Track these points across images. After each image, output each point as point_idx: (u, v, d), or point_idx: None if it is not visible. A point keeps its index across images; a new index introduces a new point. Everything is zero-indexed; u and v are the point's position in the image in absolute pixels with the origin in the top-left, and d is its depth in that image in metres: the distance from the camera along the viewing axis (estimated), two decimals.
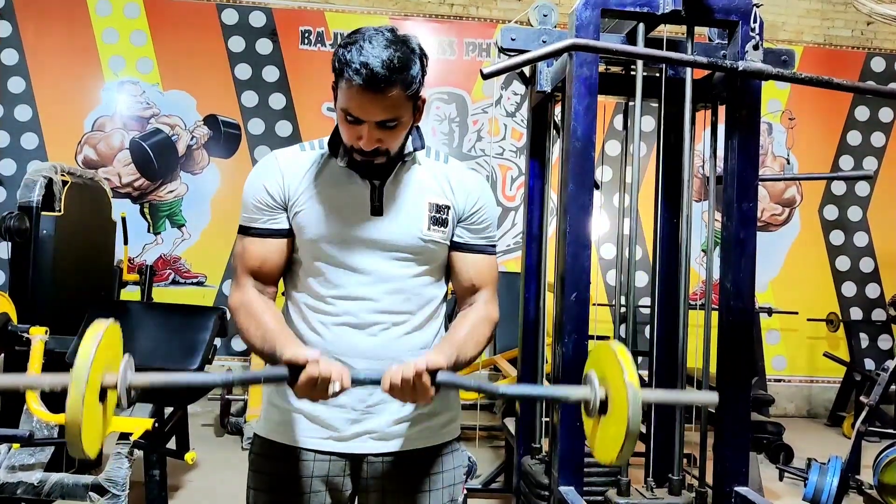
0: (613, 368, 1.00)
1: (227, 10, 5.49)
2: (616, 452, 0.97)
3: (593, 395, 1.03)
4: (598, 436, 1.04)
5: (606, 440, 1.01)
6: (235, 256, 1.31)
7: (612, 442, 0.99)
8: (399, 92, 1.15)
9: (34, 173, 3.10)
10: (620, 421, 0.96)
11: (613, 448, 0.98)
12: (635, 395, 0.95)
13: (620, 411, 0.96)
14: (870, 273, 5.87)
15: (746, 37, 1.94)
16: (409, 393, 1.08)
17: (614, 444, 0.98)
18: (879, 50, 5.91)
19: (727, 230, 2.02)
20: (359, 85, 1.12)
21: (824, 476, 2.92)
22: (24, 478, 2.35)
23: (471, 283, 1.32)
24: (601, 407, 1.02)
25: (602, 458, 1.03)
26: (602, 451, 1.03)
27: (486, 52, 5.63)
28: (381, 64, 1.11)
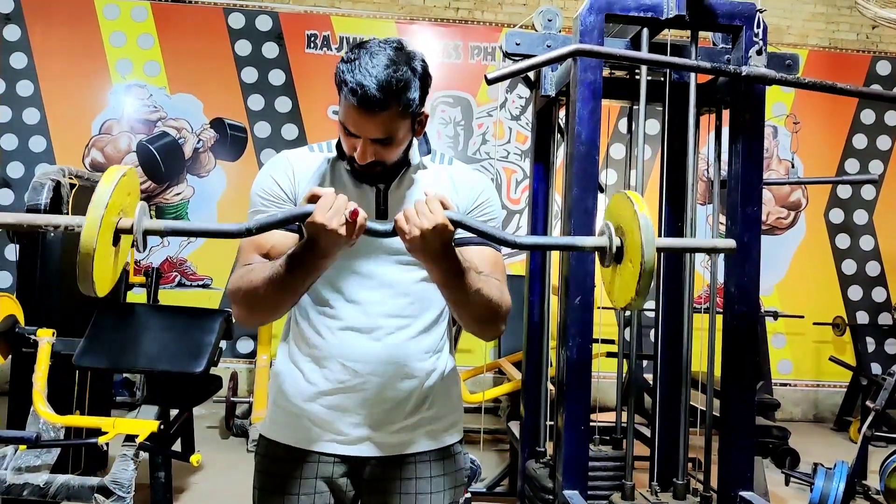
0: (630, 218, 1.03)
1: (234, 14, 5.52)
2: (632, 294, 1.02)
3: (609, 243, 1.07)
4: (615, 283, 1.09)
5: (624, 286, 1.05)
6: (240, 247, 1.27)
7: (628, 285, 1.03)
8: (393, 112, 1.14)
9: (42, 176, 3.12)
10: (635, 262, 1.00)
11: (629, 291, 1.03)
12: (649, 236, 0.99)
13: (635, 253, 1.01)
14: (876, 277, 5.85)
15: (750, 41, 1.94)
16: (424, 216, 1.06)
17: (630, 286, 1.02)
18: (885, 53, 5.90)
19: (731, 234, 2.02)
20: (353, 104, 1.13)
21: (830, 481, 2.91)
22: (30, 479, 2.36)
23: (479, 271, 1.25)
24: (616, 254, 1.06)
25: (619, 302, 1.08)
26: (619, 295, 1.07)
27: (491, 55, 5.64)
28: (376, 86, 1.11)
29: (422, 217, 1.07)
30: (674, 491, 2.03)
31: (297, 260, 1.13)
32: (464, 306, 1.21)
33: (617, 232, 1.07)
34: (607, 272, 1.11)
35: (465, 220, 1.11)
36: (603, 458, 2.32)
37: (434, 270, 1.16)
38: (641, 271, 0.99)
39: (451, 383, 1.38)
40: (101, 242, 0.91)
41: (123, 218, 0.97)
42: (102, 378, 3.38)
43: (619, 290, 1.07)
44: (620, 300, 1.07)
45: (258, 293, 1.18)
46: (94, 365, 2.78)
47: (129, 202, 0.99)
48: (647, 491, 2.05)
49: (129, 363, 2.87)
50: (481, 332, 1.28)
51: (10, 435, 2.51)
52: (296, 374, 1.31)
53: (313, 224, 1.06)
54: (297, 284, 1.17)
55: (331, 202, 1.06)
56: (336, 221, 1.05)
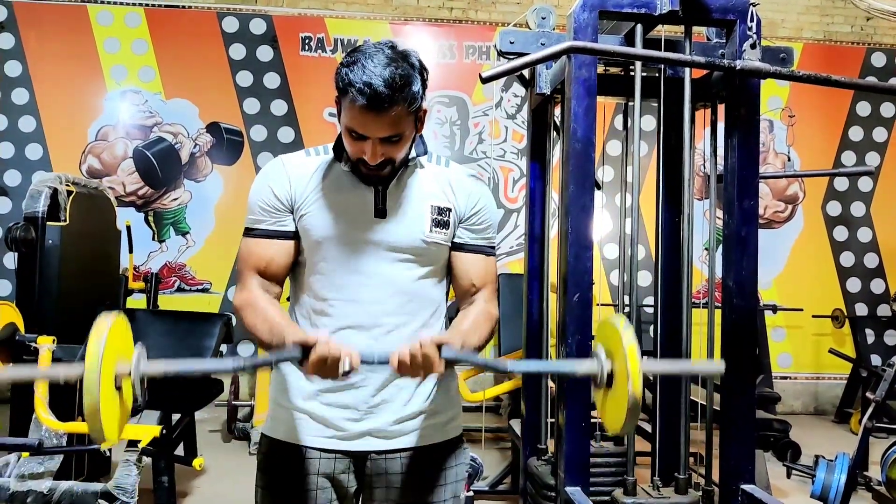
0: (617, 343, 1.03)
1: (228, 18, 5.52)
2: (621, 422, 1.02)
3: (600, 369, 1.06)
4: (606, 407, 1.08)
5: (614, 411, 1.05)
6: (240, 258, 1.33)
7: (618, 413, 1.03)
8: (401, 109, 1.17)
9: (39, 184, 3.12)
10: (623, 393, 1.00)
11: (620, 417, 1.02)
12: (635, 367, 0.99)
13: (622, 384, 1.00)
14: (874, 268, 5.86)
15: (744, 35, 1.94)
16: (419, 367, 1.10)
17: (621, 412, 1.02)
18: (880, 45, 5.91)
19: (729, 228, 2.02)
20: (362, 105, 1.15)
21: (832, 473, 2.92)
22: (33, 486, 2.37)
23: (470, 283, 1.34)
24: (608, 379, 1.05)
25: (610, 428, 1.07)
26: (610, 421, 1.07)
27: (485, 55, 5.65)
28: (383, 83, 1.14)
29: (417, 369, 1.11)
30: (675, 485, 2.04)
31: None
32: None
33: (607, 356, 1.06)
34: (599, 395, 1.11)
35: (459, 357, 1.13)
36: (604, 454, 2.32)
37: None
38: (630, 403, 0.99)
39: (450, 379, 1.40)
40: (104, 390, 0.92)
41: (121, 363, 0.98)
42: None
43: (610, 415, 1.07)
44: (612, 425, 1.06)
45: (257, 336, 1.26)
46: None
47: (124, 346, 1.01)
48: (649, 486, 2.05)
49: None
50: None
51: (12, 442, 2.51)
52: (296, 373, 1.33)
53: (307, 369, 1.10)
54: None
55: (324, 358, 1.08)
56: (330, 374, 1.09)
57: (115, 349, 0.97)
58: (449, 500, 1.36)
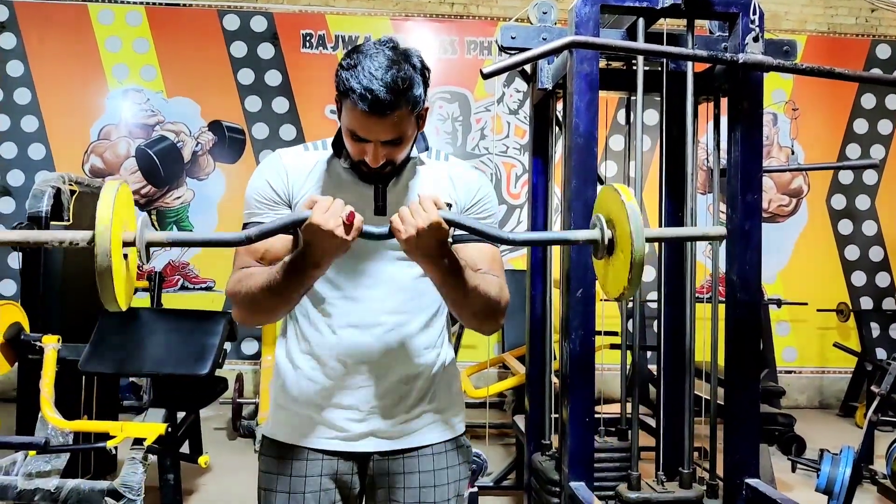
0: (618, 209, 1.05)
1: (229, 16, 5.52)
2: (623, 285, 1.04)
3: (601, 236, 1.08)
4: (608, 274, 1.10)
5: (616, 277, 1.07)
6: (237, 252, 1.29)
7: (619, 276, 1.05)
8: (403, 112, 1.15)
9: (42, 184, 3.12)
10: (626, 253, 1.02)
11: (621, 281, 1.04)
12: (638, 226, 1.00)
13: (625, 244, 1.02)
14: (879, 262, 5.84)
15: (747, 29, 1.93)
16: (420, 216, 1.07)
17: (622, 277, 1.04)
18: (884, 37, 5.87)
19: (732, 222, 2.02)
20: (364, 110, 1.12)
21: (837, 466, 2.91)
22: (41, 484, 2.38)
23: (477, 268, 1.27)
24: (609, 246, 1.07)
25: (612, 293, 1.09)
26: (612, 287, 1.09)
27: (487, 50, 5.63)
28: (384, 88, 1.11)
29: (416, 216, 1.08)
30: (680, 480, 2.04)
31: (293, 266, 1.14)
32: (462, 304, 1.22)
33: (608, 224, 1.08)
34: (600, 264, 1.12)
35: (459, 218, 1.12)
36: (608, 450, 2.32)
37: (431, 270, 1.17)
38: (632, 261, 1.00)
39: (452, 377, 1.39)
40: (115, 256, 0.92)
41: (126, 231, 0.98)
42: (109, 382, 3.39)
43: (611, 282, 1.09)
44: (613, 290, 1.08)
45: (255, 298, 1.19)
46: (100, 370, 2.79)
47: (127, 216, 1.00)
48: (654, 480, 2.05)
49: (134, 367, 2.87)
50: (480, 327, 1.29)
51: (19, 441, 2.52)
52: (296, 373, 1.32)
53: (310, 226, 1.06)
54: (291, 291, 1.18)
55: (328, 205, 1.07)
56: (333, 222, 1.06)
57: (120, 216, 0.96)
58: (452, 498, 1.35)
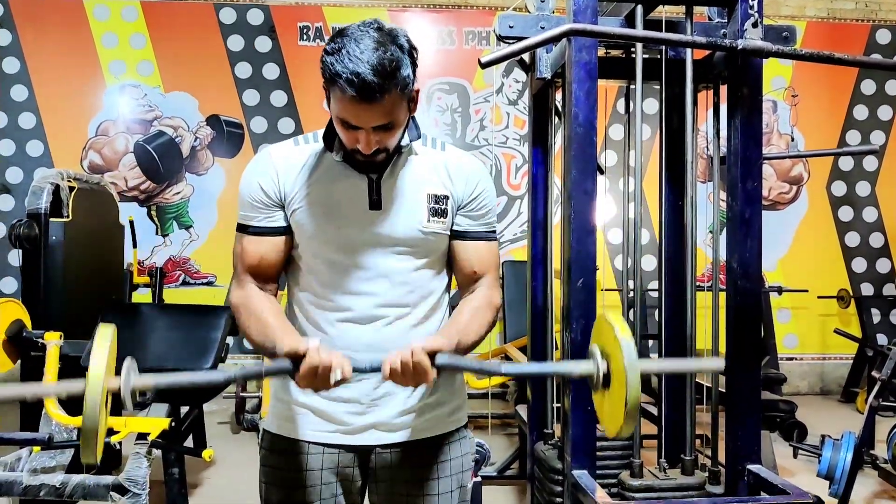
0: (612, 342, 1.00)
1: (225, 9, 5.50)
2: (620, 422, 0.99)
3: (596, 370, 1.04)
4: (604, 408, 1.05)
5: (612, 412, 1.02)
6: (234, 255, 1.31)
7: (616, 410, 1.00)
8: (393, 95, 1.13)
9: (41, 180, 3.12)
10: (621, 394, 0.97)
11: (619, 417, 0.99)
12: (633, 366, 0.95)
13: (620, 384, 0.97)
14: (880, 248, 5.84)
15: (746, 14, 1.92)
16: (410, 377, 1.08)
17: (619, 412, 0.99)
18: (884, 22, 5.85)
19: (732, 210, 2.01)
20: (352, 96, 1.10)
21: (838, 452, 2.92)
22: (46, 480, 2.39)
23: (472, 270, 1.32)
24: (604, 380, 1.03)
25: (609, 430, 1.04)
26: (609, 423, 1.04)
27: (485, 40, 5.61)
28: (371, 71, 1.08)
29: (408, 378, 1.08)
30: (682, 467, 2.04)
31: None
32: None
33: (603, 356, 1.04)
34: (598, 397, 1.08)
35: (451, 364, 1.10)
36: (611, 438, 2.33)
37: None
38: (627, 398, 0.96)
39: None
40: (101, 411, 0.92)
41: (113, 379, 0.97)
42: None
43: (609, 416, 1.04)
44: (611, 427, 1.04)
45: (250, 339, 1.24)
46: None
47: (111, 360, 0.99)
48: (656, 468, 2.06)
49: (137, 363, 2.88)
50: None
51: (24, 437, 2.53)
52: None
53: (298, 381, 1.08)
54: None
55: (315, 367, 1.06)
56: (322, 388, 1.08)
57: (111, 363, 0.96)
58: (454, 490, 1.34)
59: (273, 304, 1.28)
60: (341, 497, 1.32)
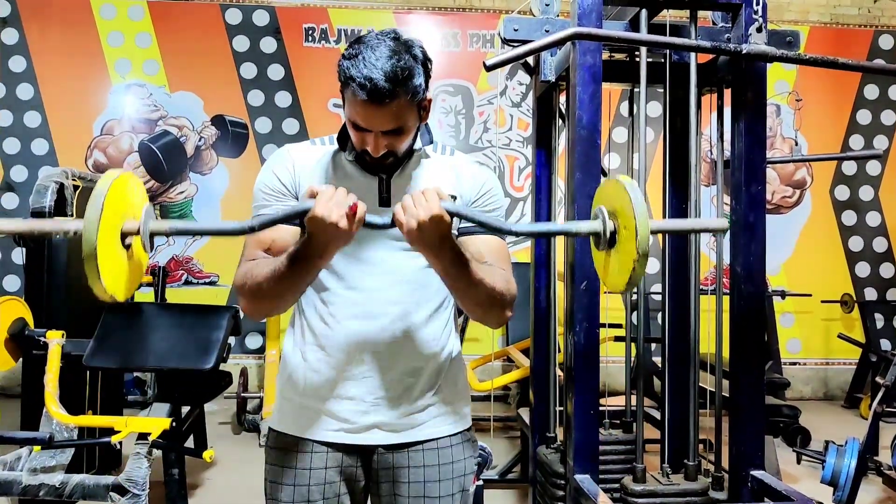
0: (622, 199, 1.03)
1: (231, 10, 5.51)
2: (626, 278, 1.02)
3: (603, 228, 1.07)
4: (609, 266, 1.09)
5: (619, 269, 1.05)
6: (246, 243, 1.29)
7: (623, 268, 1.03)
8: (403, 102, 1.16)
9: (45, 179, 3.12)
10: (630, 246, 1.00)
11: (624, 274, 1.03)
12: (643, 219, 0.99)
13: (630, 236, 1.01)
14: (883, 253, 5.82)
15: (750, 19, 1.92)
16: (421, 207, 1.07)
17: (625, 270, 1.02)
18: (887, 27, 5.84)
19: (736, 214, 2.01)
20: (363, 99, 1.13)
21: (842, 458, 2.91)
22: (45, 480, 2.39)
23: (483, 260, 1.26)
24: (610, 238, 1.06)
25: (613, 286, 1.07)
26: (614, 279, 1.07)
27: (490, 43, 5.61)
28: (384, 77, 1.12)
29: (418, 207, 1.07)
30: (685, 472, 2.04)
31: (297, 256, 1.13)
32: (467, 295, 1.22)
33: (610, 216, 1.07)
34: (600, 256, 1.11)
35: (460, 209, 1.11)
36: (613, 442, 2.32)
37: (435, 261, 1.16)
38: (637, 255, 0.99)
39: (458, 370, 1.39)
40: (104, 242, 0.89)
41: (130, 220, 0.97)
42: (113, 378, 3.40)
43: (613, 274, 1.07)
44: (616, 283, 1.06)
45: (261, 288, 1.19)
46: (104, 365, 2.80)
47: (135, 206, 0.98)
48: (659, 473, 2.05)
49: (138, 362, 2.88)
50: (485, 318, 1.28)
51: (24, 436, 2.53)
52: (303, 365, 1.32)
53: (314, 217, 1.06)
54: (297, 280, 1.18)
55: (331, 195, 1.06)
56: (336, 213, 1.05)
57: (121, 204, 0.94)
58: (457, 493, 1.35)
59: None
60: (345, 497, 1.33)
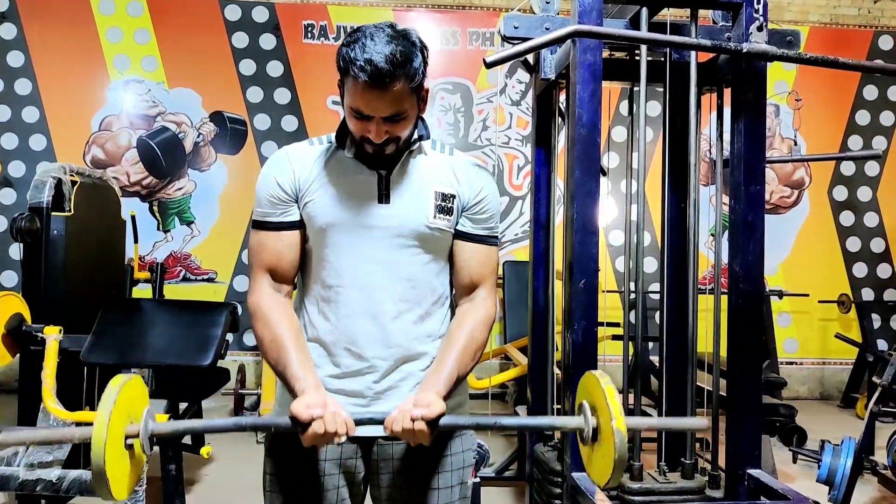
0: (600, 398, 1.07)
1: (230, 6, 5.50)
2: (608, 474, 1.05)
3: (586, 425, 1.10)
4: (593, 461, 1.12)
5: (600, 465, 1.08)
6: (251, 252, 1.34)
7: (605, 467, 1.07)
8: (403, 85, 1.18)
9: (43, 174, 3.12)
10: (608, 451, 1.04)
11: (605, 472, 1.06)
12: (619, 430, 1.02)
13: (608, 443, 1.04)
14: (880, 253, 5.83)
15: (750, 18, 1.92)
16: (411, 437, 1.14)
17: (608, 465, 1.05)
18: (887, 28, 5.85)
19: (735, 213, 2.01)
20: (364, 82, 1.16)
21: (838, 457, 2.92)
22: (42, 475, 2.38)
23: (470, 278, 1.35)
24: (594, 434, 1.10)
25: (597, 480, 1.11)
26: (597, 474, 1.11)
27: (489, 41, 5.61)
28: (384, 59, 1.15)
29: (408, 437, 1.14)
30: (682, 470, 2.04)
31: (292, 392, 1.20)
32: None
33: (593, 412, 1.10)
34: (586, 450, 1.14)
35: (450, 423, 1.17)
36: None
37: None
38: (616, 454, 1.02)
39: None
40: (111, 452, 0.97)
41: (132, 424, 1.04)
42: (111, 373, 3.39)
43: (597, 468, 1.10)
44: (600, 477, 1.10)
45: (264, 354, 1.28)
46: (102, 361, 2.79)
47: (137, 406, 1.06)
48: (655, 471, 2.05)
49: (136, 358, 2.88)
50: None
51: None
52: None
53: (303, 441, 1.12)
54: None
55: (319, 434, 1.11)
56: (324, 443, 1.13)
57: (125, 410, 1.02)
58: (455, 486, 1.36)
59: (289, 318, 1.30)
60: (344, 489, 1.34)
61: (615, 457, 1.02)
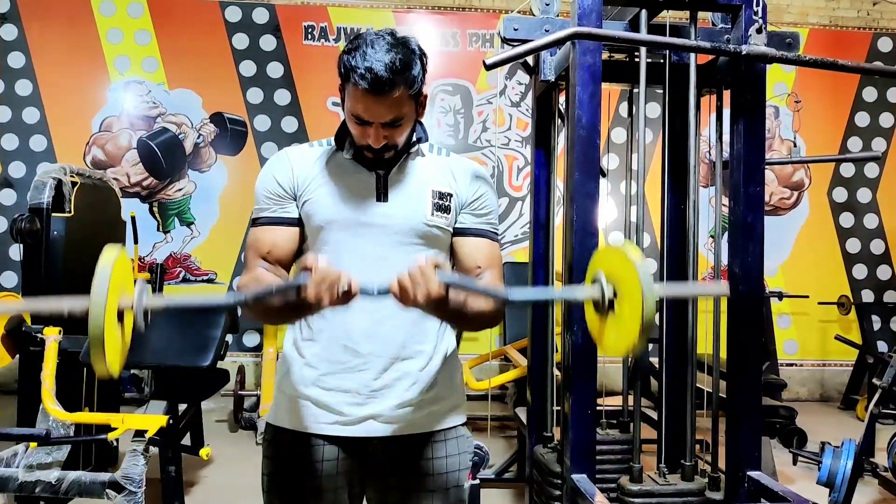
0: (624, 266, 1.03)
1: (231, 8, 5.50)
2: (629, 344, 1.01)
3: (601, 294, 1.07)
4: (606, 332, 1.08)
5: (617, 335, 1.05)
6: (247, 246, 1.36)
7: (624, 335, 1.03)
8: (402, 92, 1.21)
9: (43, 175, 3.12)
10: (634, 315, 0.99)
11: (625, 341, 1.02)
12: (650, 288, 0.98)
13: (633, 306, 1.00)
14: (880, 255, 5.83)
15: (750, 20, 1.92)
16: (418, 287, 1.08)
17: (627, 336, 1.01)
18: (886, 30, 5.85)
19: (735, 215, 2.01)
20: (365, 89, 1.18)
21: (838, 459, 2.92)
22: (41, 476, 2.38)
23: (475, 265, 1.34)
24: (610, 304, 1.06)
25: (613, 352, 1.07)
26: (613, 345, 1.07)
27: (489, 42, 5.61)
28: (384, 67, 1.17)
29: (417, 287, 1.09)
30: (682, 472, 2.04)
31: (291, 307, 1.17)
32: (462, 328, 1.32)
33: (608, 280, 1.07)
34: (598, 321, 1.09)
35: (457, 280, 1.13)
36: (610, 442, 2.33)
37: (431, 314, 1.21)
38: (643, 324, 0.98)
39: (453, 367, 1.40)
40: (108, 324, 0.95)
41: (124, 297, 1.02)
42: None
43: (611, 340, 1.07)
44: (615, 350, 1.06)
45: (258, 312, 1.27)
46: None
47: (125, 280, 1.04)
48: (655, 473, 2.05)
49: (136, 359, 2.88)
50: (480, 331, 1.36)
51: (20, 432, 2.52)
52: (299, 359, 1.34)
53: (307, 299, 1.09)
54: (288, 320, 1.29)
55: (322, 278, 1.08)
56: (328, 299, 1.08)
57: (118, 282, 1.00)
58: (451, 488, 1.36)
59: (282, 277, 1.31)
60: (342, 490, 1.34)
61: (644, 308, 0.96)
